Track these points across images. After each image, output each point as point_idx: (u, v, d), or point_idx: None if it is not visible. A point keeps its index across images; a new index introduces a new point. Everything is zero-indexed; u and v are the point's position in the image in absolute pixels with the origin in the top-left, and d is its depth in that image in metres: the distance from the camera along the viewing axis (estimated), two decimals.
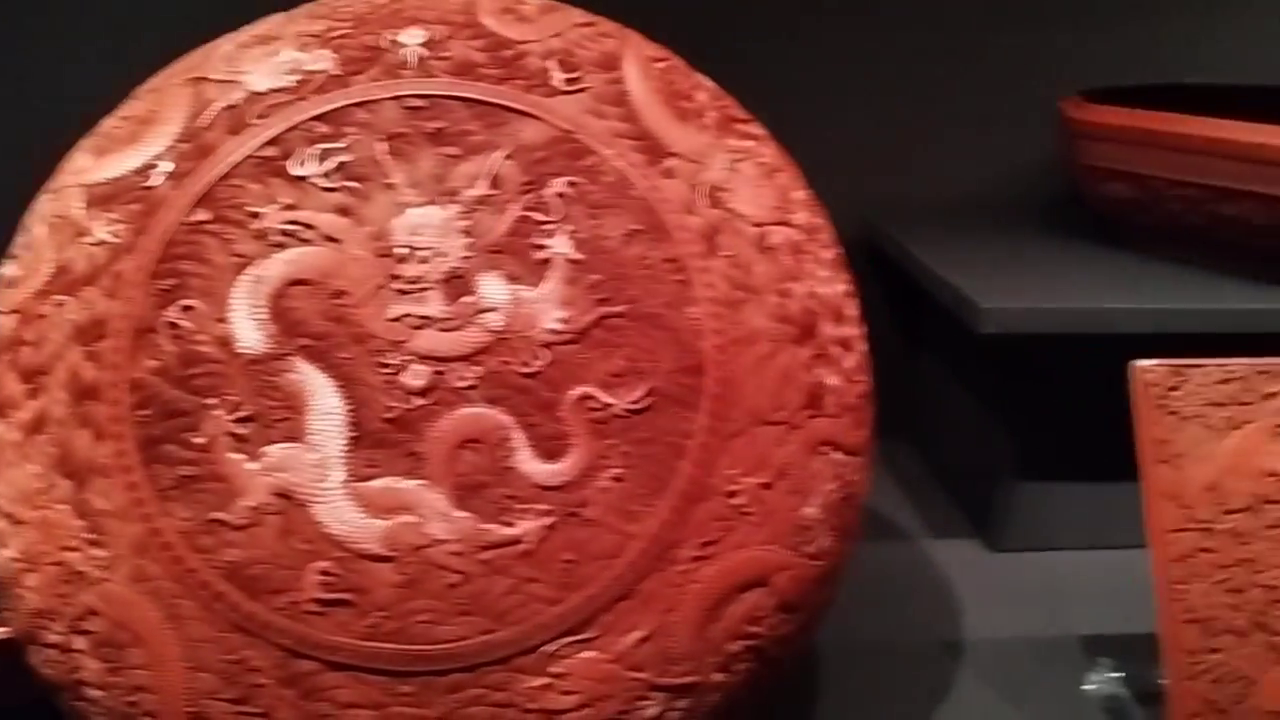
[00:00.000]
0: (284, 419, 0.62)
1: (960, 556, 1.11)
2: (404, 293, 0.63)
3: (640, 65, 0.72)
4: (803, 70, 1.26)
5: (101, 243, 0.65)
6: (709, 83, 0.76)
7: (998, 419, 1.11)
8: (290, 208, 0.64)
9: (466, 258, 0.64)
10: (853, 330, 0.72)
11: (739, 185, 0.70)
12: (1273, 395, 0.77)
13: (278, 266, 0.63)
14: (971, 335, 0.98)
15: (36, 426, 0.64)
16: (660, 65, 0.73)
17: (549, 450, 0.63)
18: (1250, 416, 0.77)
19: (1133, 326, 0.96)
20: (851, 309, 0.73)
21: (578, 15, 0.74)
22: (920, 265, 1.11)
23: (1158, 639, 0.75)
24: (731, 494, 0.64)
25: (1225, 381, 0.77)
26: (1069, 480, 1.09)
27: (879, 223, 1.26)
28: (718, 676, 0.65)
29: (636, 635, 0.62)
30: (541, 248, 0.65)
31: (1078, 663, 0.90)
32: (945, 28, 1.28)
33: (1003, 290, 1.00)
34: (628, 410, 0.64)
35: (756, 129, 0.75)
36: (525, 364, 0.63)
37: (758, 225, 0.69)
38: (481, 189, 0.65)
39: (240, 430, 0.62)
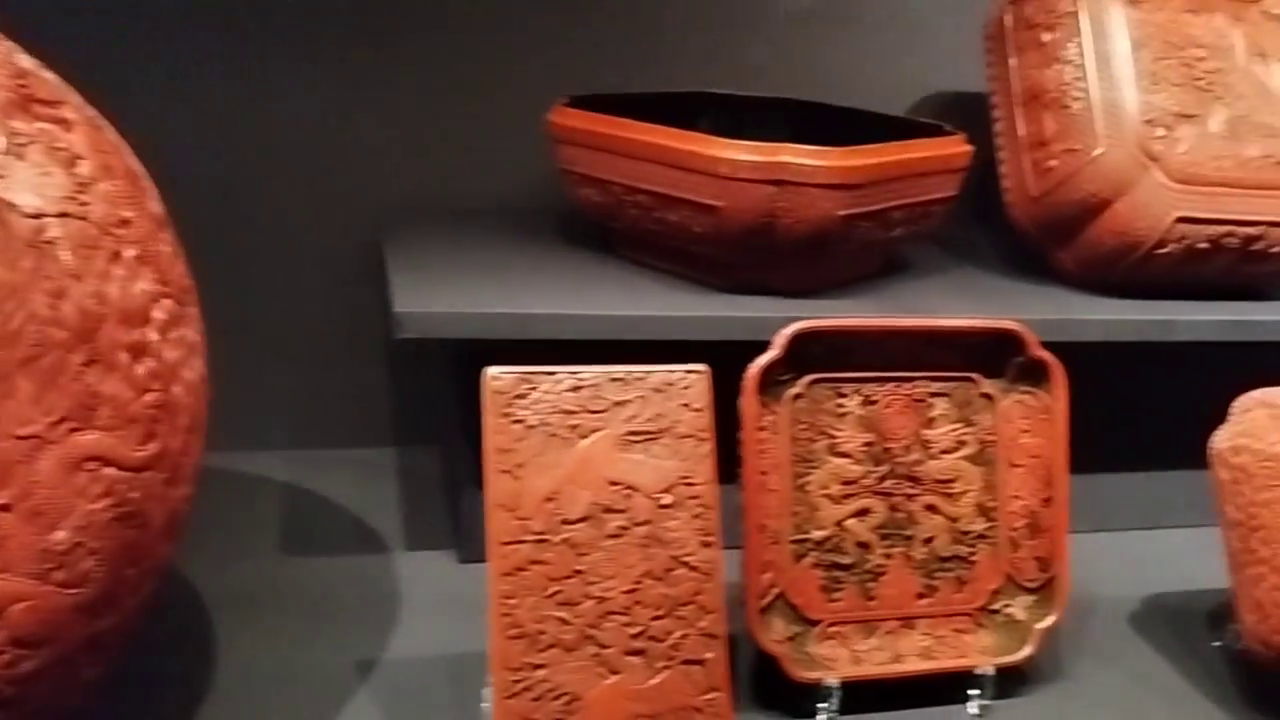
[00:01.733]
0: None
1: (427, 568, 1.08)
2: None
3: None
4: (317, 77, 1.22)
5: None
6: (24, 60, 0.69)
7: (466, 428, 1.08)
8: None
9: None
10: (154, 335, 0.66)
11: (17, 172, 0.63)
12: (624, 403, 0.76)
13: None
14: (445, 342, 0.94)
15: None
16: None
17: None
18: (600, 425, 0.76)
19: (553, 332, 0.94)
20: (159, 312, 0.67)
21: None
22: (388, 269, 1.06)
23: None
24: None
25: (576, 389, 0.76)
26: None
27: (388, 225, 1.21)
28: None
29: None
30: None
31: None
32: (477, 32, 1.26)
33: (429, 295, 0.96)
34: None
35: (69, 113, 0.68)
36: None
37: (35, 217, 0.63)
38: None
39: None
